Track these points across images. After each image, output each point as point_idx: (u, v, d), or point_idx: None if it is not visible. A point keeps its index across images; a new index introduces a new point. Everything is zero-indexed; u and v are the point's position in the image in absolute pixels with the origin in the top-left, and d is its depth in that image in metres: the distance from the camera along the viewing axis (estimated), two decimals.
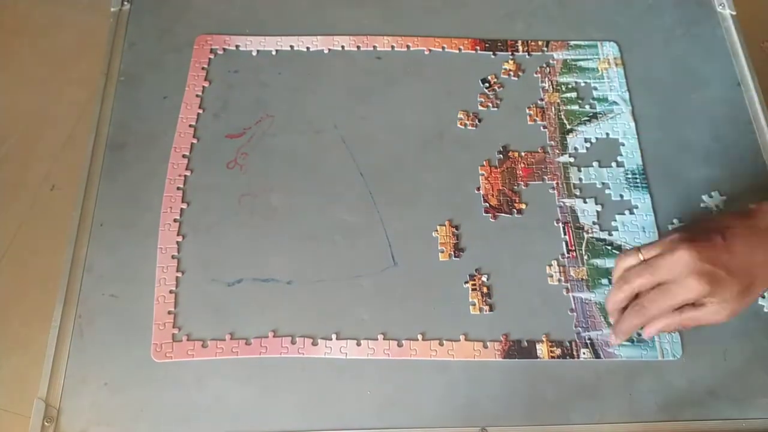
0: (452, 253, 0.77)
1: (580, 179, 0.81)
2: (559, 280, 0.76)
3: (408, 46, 0.90)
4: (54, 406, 0.68)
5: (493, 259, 0.77)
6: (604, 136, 0.84)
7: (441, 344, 0.73)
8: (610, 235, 0.78)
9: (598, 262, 0.77)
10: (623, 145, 0.84)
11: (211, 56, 0.89)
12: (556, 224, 0.79)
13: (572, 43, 0.91)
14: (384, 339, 0.72)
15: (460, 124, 0.85)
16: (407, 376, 0.71)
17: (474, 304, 0.74)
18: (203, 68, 0.88)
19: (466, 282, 0.75)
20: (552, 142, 0.84)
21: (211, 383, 0.70)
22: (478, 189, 0.81)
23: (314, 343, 0.72)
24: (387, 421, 0.69)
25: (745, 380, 0.72)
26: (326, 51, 0.90)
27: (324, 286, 0.75)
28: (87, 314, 0.73)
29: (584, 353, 0.72)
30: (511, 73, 0.88)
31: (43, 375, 0.70)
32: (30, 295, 0.75)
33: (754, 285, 0.64)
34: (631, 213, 0.79)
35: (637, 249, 0.67)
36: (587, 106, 0.86)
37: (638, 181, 0.81)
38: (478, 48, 0.90)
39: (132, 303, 0.74)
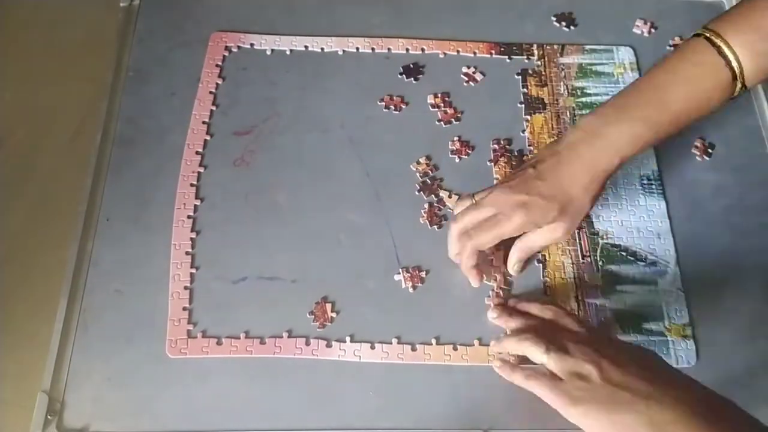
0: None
1: None
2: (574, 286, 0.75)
3: (423, 49, 0.89)
4: (57, 399, 0.67)
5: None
6: None
7: (455, 349, 0.71)
8: (625, 241, 0.77)
9: (613, 268, 0.76)
10: None
11: (225, 53, 0.88)
12: None
13: (588, 47, 0.90)
14: (398, 343, 0.71)
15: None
16: (411, 378, 0.70)
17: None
18: (217, 65, 0.87)
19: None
20: None
21: (214, 380, 0.69)
22: None
23: (328, 345, 0.71)
24: (390, 422, 0.68)
25: (749, 387, 0.71)
26: (341, 52, 0.89)
27: (328, 286, 0.74)
28: (92, 309, 0.72)
29: None
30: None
31: (47, 368, 0.68)
32: (35, 289, 0.74)
33: (573, 200, 0.69)
34: (647, 219, 0.79)
35: (471, 194, 0.73)
36: None
37: (653, 186, 0.80)
38: (493, 52, 0.90)
39: (137, 298, 0.73)
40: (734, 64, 0.67)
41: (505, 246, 0.74)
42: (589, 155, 0.69)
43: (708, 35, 0.69)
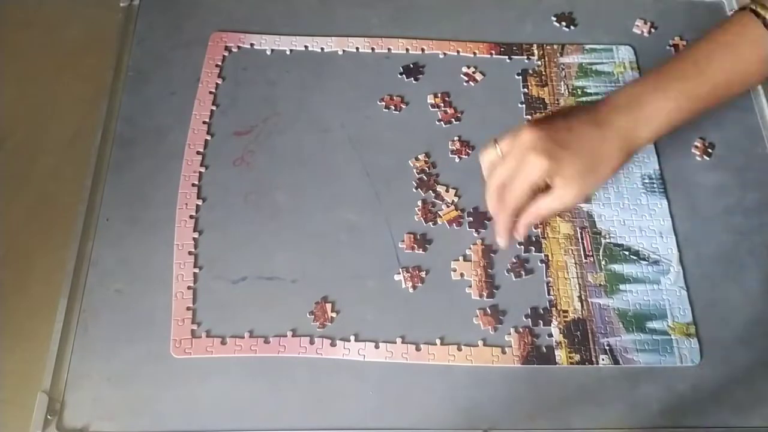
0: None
1: None
2: (577, 286, 0.75)
3: (423, 49, 0.89)
4: (57, 399, 0.67)
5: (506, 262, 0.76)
6: None
7: (459, 349, 0.71)
8: (627, 240, 0.77)
9: (616, 267, 0.76)
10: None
11: (225, 53, 0.88)
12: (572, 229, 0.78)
13: (587, 46, 0.90)
14: (402, 342, 0.71)
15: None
16: (410, 378, 0.70)
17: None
18: (217, 65, 0.87)
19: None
20: None
21: (215, 380, 0.69)
22: None
23: (333, 344, 0.71)
24: (389, 422, 0.68)
25: (749, 388, 0.71)
26: (341, 52, 0.89)
27: (328, 286, 0.74)
28: (91, 309, 0.72)
29: (603, 359, 0.71)
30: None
31: (47, 368, 0.68)
32: (35, 289, 0.74)
33: (598, 165, 0.66)
34: (649, 218, 0.78)
35: (495, 140, 0.69)
36: None
37: (655, 185, 0.80)
38: (493, 52, 0.89)
39: (137, 298, 0.72)
40: None
41: None
42: (625, 125, 0.67)
43: (753, 6, 0.68)
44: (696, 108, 0.69)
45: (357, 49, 0.89)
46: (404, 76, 0.87)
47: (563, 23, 0.92)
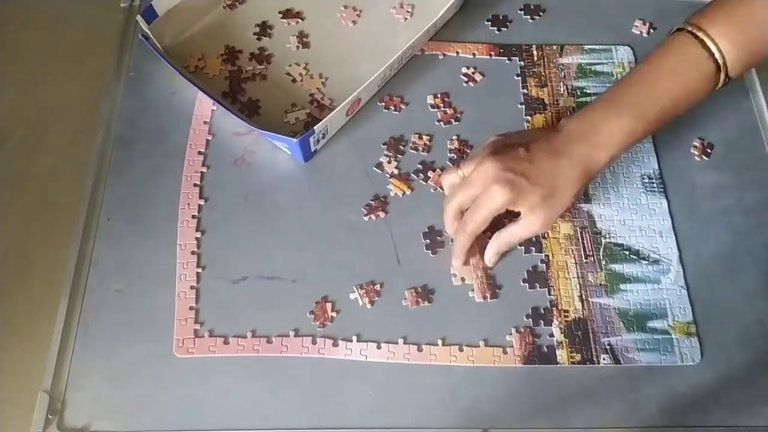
0: None
1: (597, 184, 0.80)
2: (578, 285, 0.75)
3: (422, 50, 0.89)
4: (58, 399, 0.67)
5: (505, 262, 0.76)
6: None
7: (461, 350, 0.71)
8: (627, 239, 0.77)
9: (616, 267, 0.76)
10: (639, 149, 0.83)
11: None
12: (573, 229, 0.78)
13: (587, 47, 0.90)
14: (404, 343, 0.71)
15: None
16: (411, 377, 0.70)
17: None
18: None
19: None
20: None
21: (215, 379, 0.69)
22: None
23: (335, 345, 0.71)
24: (390, 421, 0.68)
25: (749, 388, 0.71)
26: None
27: (328, 286, 0.74)
28: (92, 309, 0.72)
29: (604, 359, 0.71)
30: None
31: (48, 368, 0.68)
32: (35, 289, 0.73)
33: (558, 192, 0.70)
34: (649, 217, 0.79)
35: (458, 165, 0.73)
36: None
37: (655, 185, 0.80)
38: (492, 53, 0.90)
39: (138, 298, 0.72)
40: (717, 55, 0.70)
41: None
42: (582, 151, 0.71)
43: (690, 29, 0.72)
44: (647, 129, 0.72)
45: None
46: None
47: (560, 23, 0.93)
